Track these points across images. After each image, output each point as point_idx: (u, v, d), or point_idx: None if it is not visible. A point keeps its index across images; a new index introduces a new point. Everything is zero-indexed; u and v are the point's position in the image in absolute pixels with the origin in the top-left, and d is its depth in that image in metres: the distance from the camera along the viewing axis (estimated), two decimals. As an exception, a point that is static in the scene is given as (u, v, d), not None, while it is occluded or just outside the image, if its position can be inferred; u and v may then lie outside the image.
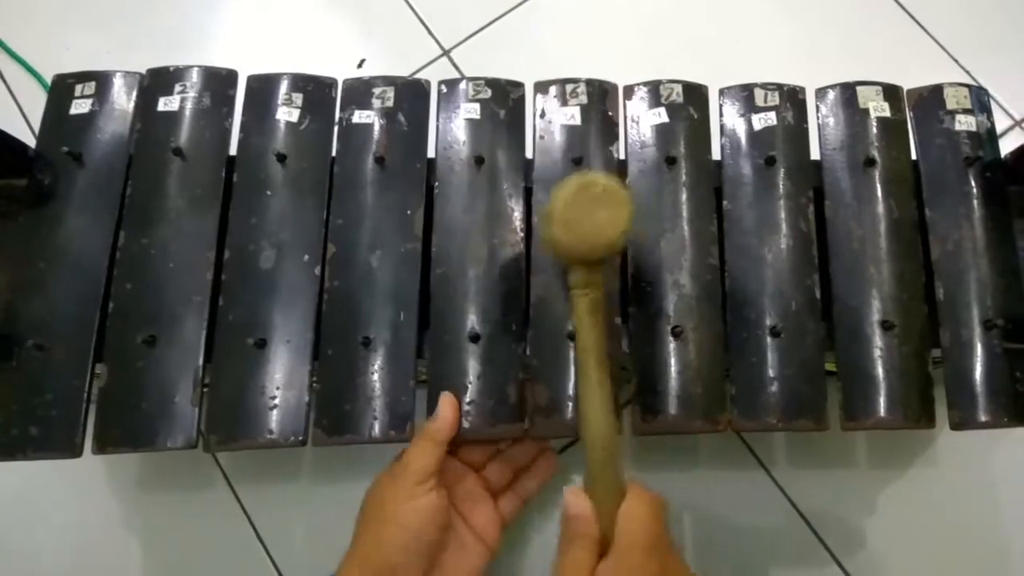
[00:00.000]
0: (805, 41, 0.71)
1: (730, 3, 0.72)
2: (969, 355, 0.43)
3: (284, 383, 0.42)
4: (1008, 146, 0.47)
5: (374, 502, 0.42)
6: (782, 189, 0.46)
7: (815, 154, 0.47)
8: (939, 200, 0.46)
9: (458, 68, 0.70)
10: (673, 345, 0.44)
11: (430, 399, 0.43)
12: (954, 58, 0.69)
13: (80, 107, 0.47)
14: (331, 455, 0.55)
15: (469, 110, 0.48)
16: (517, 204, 0.46)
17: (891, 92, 0.49)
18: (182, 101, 0.47)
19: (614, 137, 0.48)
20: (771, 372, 0.43)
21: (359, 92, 0.48)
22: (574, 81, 0.49)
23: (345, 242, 0.45)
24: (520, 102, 0.49)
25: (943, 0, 0.71)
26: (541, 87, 0.49)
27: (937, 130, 0.48)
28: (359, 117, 0.48)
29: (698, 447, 0.57)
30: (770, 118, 0.48)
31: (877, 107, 0.48)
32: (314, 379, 0.43)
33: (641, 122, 0.48)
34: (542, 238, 0.40)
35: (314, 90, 0.48)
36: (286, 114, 0.47)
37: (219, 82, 0.48)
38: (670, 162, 0.47)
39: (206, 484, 0.57)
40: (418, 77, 0.49)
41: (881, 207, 0.46)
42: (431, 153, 0.47)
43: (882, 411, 0.43)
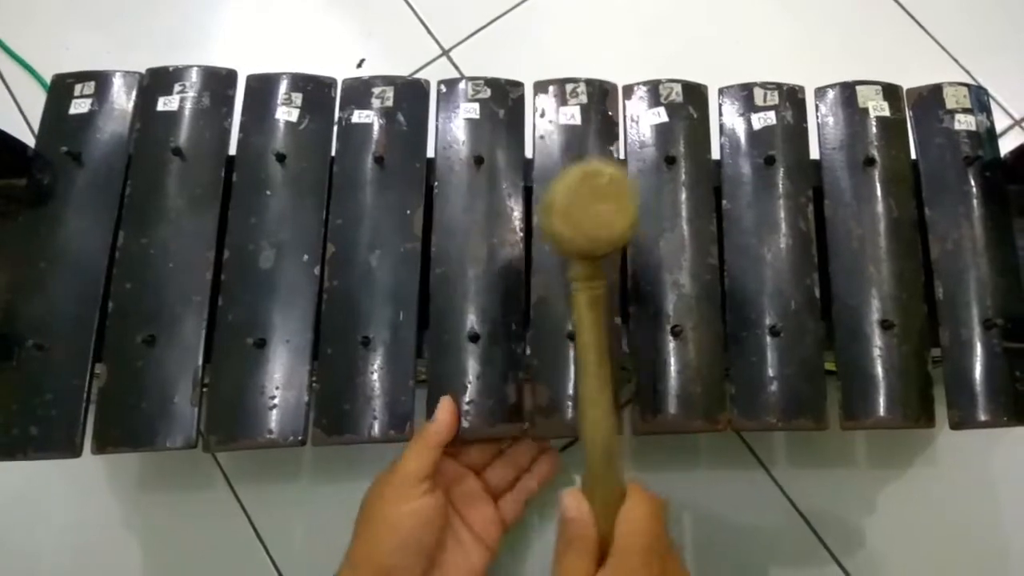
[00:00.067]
0: (805, 41, 0.71)
1: (730, 3, 0.72)
2: (969, 354, 0.43)
3: (284, 383, 0.42)
4: (1008, 145, 0.47)
5: (372, 503, 0.42)
6: (781, 188, 0.46)
7: (815, 153, 0.47)
8: (939, 199, 0.46)
9: (458, 68, 0.70)
10: (673, 345, 0.44)
11: (430, 399, 0.43)
12: (954, 58, 0.69)
13: (79, 107, 0.47)
14: (331, 455, 0.55)
15: (469, 110, 0.48)
16: (517, 204, 0.46)
17: (891, 91, 0.49)
18: (181, 101, 0.47)
19: (614, 137, 0.48)
20: (771, 371, 0.43)
21: (358, 92, 0.48)
22: (574, 81, 0.49)
23: (344, 242, 0.45)
24: (520, 102, 0.49)
25: (943, 0, 0.71)
26: (541, 87, 0.49)
27: (937, 129, 0.48)
28: (358, 117, 0.48)
29: (698, 447, 0.57)
30: (769, 117, 0.48)
31: (877, 106, 0.48)
32: (314, 379, 0.43)
33: (641, 122, 0.48)
34: (541, 229, 0.38)
35: (313, 90, 0.48)
36: (285, 114, 0.47)
37: (219, 82, 0.48)
38: (669, 162, 0.47)
39: (206, 484, 0.57)
40: (417, 77, 0.49)
41: (880, 206, 0.46)
42: (430, 153, 0.47)
43: (882, 410, 0.43)
